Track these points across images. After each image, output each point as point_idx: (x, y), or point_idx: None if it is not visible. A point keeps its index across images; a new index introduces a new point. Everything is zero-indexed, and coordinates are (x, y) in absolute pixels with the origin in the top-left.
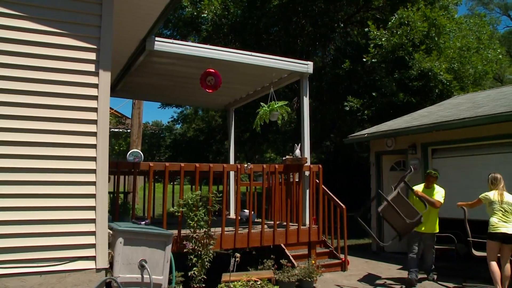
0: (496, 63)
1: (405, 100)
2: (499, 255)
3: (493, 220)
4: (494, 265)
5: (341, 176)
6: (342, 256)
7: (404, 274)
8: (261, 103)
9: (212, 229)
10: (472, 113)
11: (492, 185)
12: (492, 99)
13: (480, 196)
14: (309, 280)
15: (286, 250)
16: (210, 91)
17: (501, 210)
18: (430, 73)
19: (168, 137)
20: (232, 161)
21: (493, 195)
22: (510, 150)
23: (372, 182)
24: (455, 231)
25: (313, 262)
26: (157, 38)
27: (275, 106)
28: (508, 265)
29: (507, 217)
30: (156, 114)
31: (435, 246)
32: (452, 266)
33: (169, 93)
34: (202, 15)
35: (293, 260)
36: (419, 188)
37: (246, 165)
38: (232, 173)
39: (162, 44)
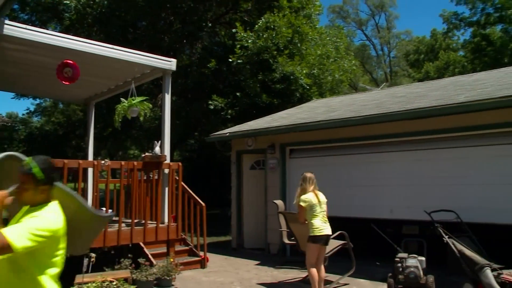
0: (351, 72)
1: (268, 102)
2: None
3: (317, 222)
4: (315, 271)
5: (204, 174)
6: (202, 253)
7: (262, 269)
8: (121, 98)
9: None
10: (327, 117)
11: (304, 185)
12: (345, 105)
13: (301, 203)
14: (168, 278)
15: (145, 249)
16: (67, 83)
17: (322, 212)
18: (292, 77)
19: (23, 130)
20: (91, 157)
21: (312, 197)
22: (359, 151)
23: (232, 180)
24: None
25: (172, 260)
26: (8, 22)
27: (133, 102)
28: (323, 267)
29: (325, 218)
30: (11, 105)
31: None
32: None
33: (22, 83)
34: (65, 2)
35: (151, 259)
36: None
37: (103, 162)
38: (90, 170)
39: (14, 29)
